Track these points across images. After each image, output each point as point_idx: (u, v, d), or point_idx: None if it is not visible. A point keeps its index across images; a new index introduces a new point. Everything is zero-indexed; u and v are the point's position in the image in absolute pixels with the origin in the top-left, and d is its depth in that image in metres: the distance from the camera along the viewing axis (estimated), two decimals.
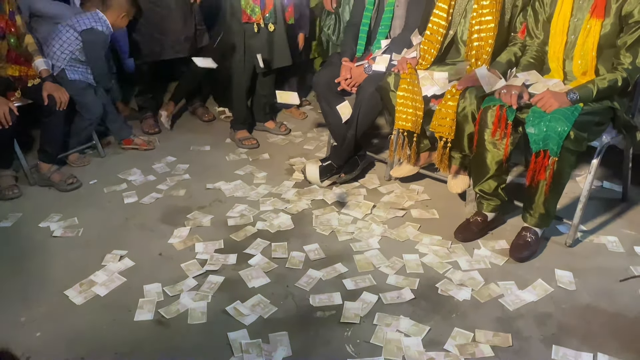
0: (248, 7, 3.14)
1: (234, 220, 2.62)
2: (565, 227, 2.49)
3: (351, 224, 2.59)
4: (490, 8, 2.45)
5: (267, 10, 3.18)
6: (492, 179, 2.38)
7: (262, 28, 3.21)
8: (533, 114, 2.19)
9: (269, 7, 3.18)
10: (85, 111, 3.12)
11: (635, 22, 2.14)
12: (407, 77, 2.56)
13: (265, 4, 3.16)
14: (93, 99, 3.15)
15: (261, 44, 3.25)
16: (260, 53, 3.24)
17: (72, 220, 2.65)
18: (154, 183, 3.01)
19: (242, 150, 3.41)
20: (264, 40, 3.25)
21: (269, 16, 3.19)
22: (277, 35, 3.27)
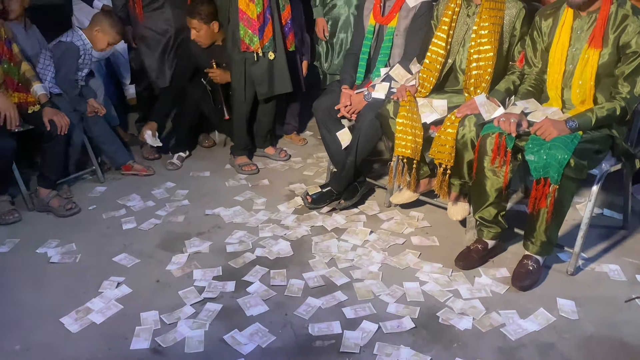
0: (247, 36, 3.18)
1: (232, 247, 2.61)
2: (566, 255, 2.47)
3: (351, 250, 2.57)
4: (489, 37, 2.48)
5: (267, 39, 3.22)
6: (492, 206, 2.37)
7: (261, 57, 3.24)
8: (532, 142, 2.20)
9: (267, 36, 3.21)
10: None
11: (633, 53, 2.17)
12: (407, 105, 2.57)
13: (264, 33, 3.20)
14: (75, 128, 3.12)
15: (262, 72, 3.28)
16: (261, 80, 3.29)
17: (70, 246, 2.63)
18: (153, 209, 3.00)
19: (242, 176, 3.41)
20: (264, 68, 3.28)
21: (268, 45, 3.23)
22: (278, 63, 3.31)
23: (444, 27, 2.61)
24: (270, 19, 3.19)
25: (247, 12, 3.12)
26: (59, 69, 3.16)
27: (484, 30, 2.49)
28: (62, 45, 3.19)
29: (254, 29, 3.14)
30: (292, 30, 3.35)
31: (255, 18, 3.12)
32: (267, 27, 3.19)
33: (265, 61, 3.26)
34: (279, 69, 3.32)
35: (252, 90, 3.36)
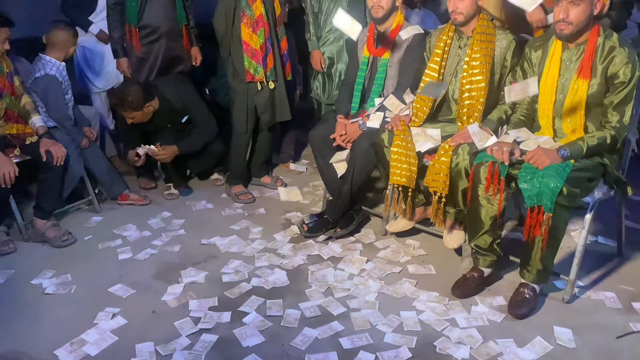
0: (251, 67, 3.25)
1: (228, 277, 2.60)
2: (562, 282, 2.47)
3: (347, 279, 2.57)
4: (480, 68, 2.54)
5: (269, 69, 3.29)
6: (487, 234, 2.39)
7: (264, 86, 3.31)
8: (525, 170, 2.23)
9: (269, 65, 3.29)
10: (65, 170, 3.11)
11: (621, 83, 2.22)
12: (401, 134, 2.61)
13: (267, 63, 3.27)
14: (75, 159, 3.15)
15: (265, 101, 3.35)
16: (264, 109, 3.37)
17: (65, 277, 2.62)
18: (149, 239, 2.99)
19: (238, 205, 3.42)
20: (266, 97, 3.35)
21: (269, 74, 3.30)
22: (278, 92, 3.38)
23: (436, 58, 2.67)
24: (271, 49, 3.28)
25: (251, 43, 3.20)
26: (46, 103, 3.18)
27: (476, 61, 2.54)
28: (40, 82, 3.19)
29: (257, 59, 3.23)
30: (289, 60, 3.43)
31: (258, 49, 3.21)
32: (268, 57, 3.28)
33: (267, 90, 3.33)
34: (279, 97, 3.40)
35: (254, 120, 3.41)
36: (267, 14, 3.23)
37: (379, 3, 2.84)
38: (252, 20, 3.18)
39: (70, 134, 3.23)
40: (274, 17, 3.32)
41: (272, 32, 3.29)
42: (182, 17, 3.50)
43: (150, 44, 3.47)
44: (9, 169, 2.70)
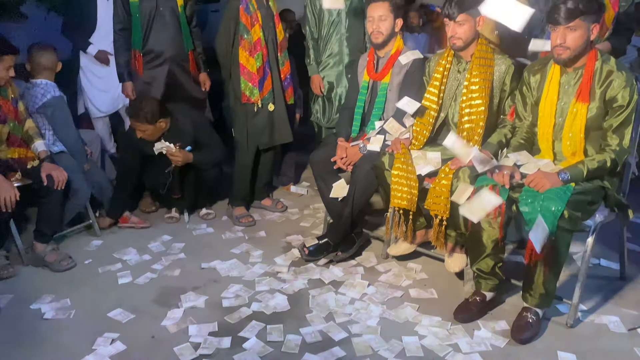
0: (247, 89, 3.28)
1: (228, 302, 2.58)
2: (565, 306, 2.45)
3: (349, 304, 2.55)
4: (480, 92, 2.56)
5: (266, 92, 3.32)
6: (488, 258, 2.38)
7: (261, 108, 3.33)
8: (526, 194, 2.23)
9: (267, 88, 3.32)
10: (73, 195, 3.12)
11: (619, 107, 2.23)
12: (401, 157, 2.62)
13: (264, 85, 3.30)
14: (82, 185, 3.16)
15: (262, 123, 3.38)
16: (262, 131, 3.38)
17: (65, 301, 2.60)
18: (149, 263, 2.98)
19: (239, 228, 3.41)
20: (265, 119, 3.37)
21: (267, 97, 3.33)
22: (277, 114, 3.41)
23: (435, 82, 2.69)
24: (270, 73, 3.32)
25: (247, 66, 3.25)
26: (54, 125, 3.20)
27: (475, 85, 2.56)
28: (49, 105, 3.18)
29: (254, 81, 3.27)
30: (291, 84, 3.47)
31: (255, 72, 3.25)
32: (266, 80, 3.31)
33: (265, 112, 3.36)
34: (278, 120, 3.42)
35: (255, 141, 3.43)
36: (266, 38, 3.28)
37: (379, 29, 2.88)
38: (250, 44, 3.23)
39: (77, 157, 3.23)
40: (275, 42, 3.36)
41: (271, 57, 3.33)
42: (188, 43, 3.54)
43: (154, 69, 3.51)
44: (10, 193, 2.71)
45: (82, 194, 3.17)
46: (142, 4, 3.36)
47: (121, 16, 3.40)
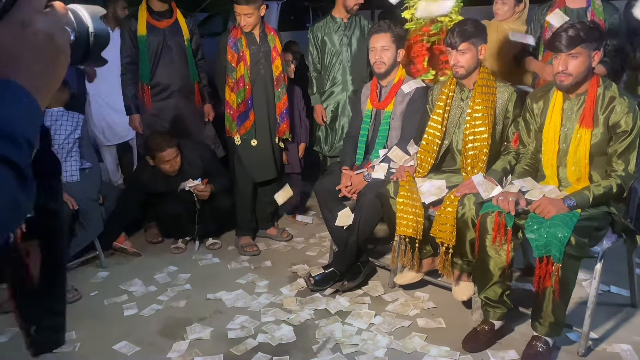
0: (228, 122, 3.37)
1: (234, 333, 2.56)
2: (575, 334, 2.41)
3: (355, 335, 2.52)
4: (483, 120, 2.57)
5: (246, 128, 3.34)
6: (496, 285, 2.35)
7: (242, 144, 3.38)
8: (532, 220, 2.22)
9: (248, 124, 3.35)
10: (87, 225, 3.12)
11: (623, 132, 2.24)
12: (406, 185, 2.62)
13: (244, 122, 3.35)
14: (97, 215, 3.18)
15: (247, 158, 3.41)
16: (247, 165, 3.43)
17: (70, 334, 2.58)
18: (155, 294, 2.97)
19: (244, 257, 3.40)
20: (248, 154, 3.41)
21: (249, 133, 3.36)
22: (261, 150, 3.41)
23: (439, 110, 2.71)
24: (252, 110, 3.33)
25: (230, 101, 3.33)
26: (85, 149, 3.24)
27: (478, 113, 2.58)
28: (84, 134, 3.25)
29: (233, 117, 3.33)
30: (286, 118, 3.44)
31: (235, 107, 3.32)
32: (247, 118, 3.34)
33: (249, 147, 3.38)
34: (262, 156, 3.42)
35: (242, 174, 3.47)
36: (254, 76, 3.30)
37: (381, 59, 2.92)
38: (233, 80, 3.29)
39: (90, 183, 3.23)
40: (272, 78, 3.37)
41: (258, 93, 3.34)
42: (194, 75, 3.60)
43: (161, 101, 3.56)
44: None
45: (97, 224, 3.18)
46: (149, 37, 3.43)
47: (129, 50, 3.47)
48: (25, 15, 0.62)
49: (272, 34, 3.35)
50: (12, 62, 0.60)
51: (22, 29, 0.61)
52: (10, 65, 0.60)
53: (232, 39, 3.28)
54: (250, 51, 3.28)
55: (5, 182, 0.54)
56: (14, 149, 0.56)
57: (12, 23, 0.61)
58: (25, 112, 0.60)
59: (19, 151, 0.57)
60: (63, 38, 0.65)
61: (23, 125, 0.58)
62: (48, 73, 0.63)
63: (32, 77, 0.61)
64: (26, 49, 0.61)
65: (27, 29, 0.61)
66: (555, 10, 3.00)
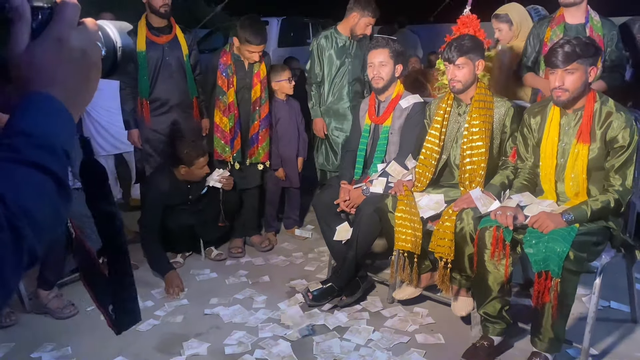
0: (219, 146, 3.49)
1: (231, 349, 2.54)
2: (574, 350, 2.39)
3: (354, 351, 2.50)
4: (480, 134, 2.58)
5: (235, 151, 3.51)
6: (495, 301, 2.34)
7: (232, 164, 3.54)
8: (530, 235, 2.22)
9: (236, 147, 3.51)
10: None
11: (620, 147, 2.24)
12: (404, 199, 2.62)
13: (234, 145, 3.49)
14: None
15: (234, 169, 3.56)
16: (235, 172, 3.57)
17: (66, 349, 2.56)
18: (152, 309, 2.95)
19: (242, 272, 3.39)
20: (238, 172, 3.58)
21: (236, 156, 3.52)
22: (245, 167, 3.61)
23: (436, 125, 2.72)
24: (240, 133, 3.52)
25: (221, 125, 3.46)
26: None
27: (475, 127, 2.59)
28: None
29: (226, 140, 3.48)
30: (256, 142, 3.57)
31: (227, 131, 3.46)
32: (236, 140, 3.51)
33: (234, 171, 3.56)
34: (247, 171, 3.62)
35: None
36: (239, 99, 3.47)
37: (379, 75, 2.94)
38: (225, 105, 3.43)
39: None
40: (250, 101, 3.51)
41: (243, 116, 3.52)
42: (193, 90, 3.62)
43: (160, 116, 3.57)
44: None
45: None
46: (149, 53, 3.45)
47: None
48: (61, 32, 0.65)
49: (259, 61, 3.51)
50: (49, 76, 0.64)
51: (59, 45, 0.64)
52: (47, 80, 0.63)
53: (222, 65, 3.43)
54: (238, 77, 3.46)
55: (48, 190, 0.58)
56: (54, 159, 0.60)
57: (48, 39, 0.64)
58: (62, 125, 0.63)
59: (58, 161, 0.60)
60: (96, 53, 0.68)
61: (60, 137, 0.62)
62: (82, 87, 0.67)
63: (67, 91, 0.65)
64: (62, 64, 0.64)
65: (64, 45, 0.65)
66: None
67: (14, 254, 0.54)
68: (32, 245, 0.56)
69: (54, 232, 0.61)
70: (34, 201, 0.56)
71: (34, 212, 0.56)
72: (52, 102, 0.62)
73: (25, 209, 0.55)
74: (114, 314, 0.82)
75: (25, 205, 0.55)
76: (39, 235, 0.57)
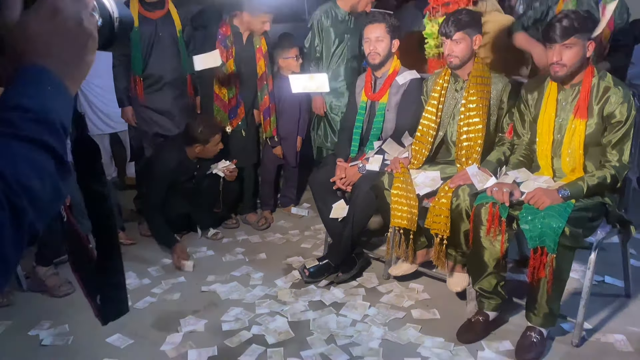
0: (219, 115, 3.51)
1: (228, 325, 2.55)
2: (569, 325, 2.41)
3: (350, 326, 2.51)
4: (477, 111, 2.56)
5: (240, 119, 3.55)
6: (490, 276, 2.35)
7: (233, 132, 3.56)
8: (526, 211, 2.22)
9: (240, 116, 3.55)
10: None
11: (618, 122, 2.23)
12: (401, 176, 2.61)
13: (237, 114, 3.53)
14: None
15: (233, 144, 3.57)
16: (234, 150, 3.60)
17: (63, 327, 2.57)
18: (149, 287, 2.95)
19: (239, 250, 3.39)
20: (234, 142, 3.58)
21: (241, 124, 3.56)
22: (245, 140, 3.63)
23: (433, 101, 2.70)
24: (242, 104, 3.55)
25: (220, 94, 3.50)
26: None
27: (472, 104, 2.57)
28: None
29: (225, 109, 3.52)
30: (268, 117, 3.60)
31: (227, 101, 3.49)
32: (239, 109, 3.55)
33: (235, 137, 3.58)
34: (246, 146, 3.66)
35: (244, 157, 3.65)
36: (241, 72, 3.48)
37: (376, 50, 2.90)
38: (224, 75, 3.44)
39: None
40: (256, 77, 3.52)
41: (246, 90, 3.54)
42: (186, 66, 3.57)
43: (154, 93, 3.53)
44: None
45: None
46: (141, 28, 3.39)
47: None
48: (55, 1, 0.62)
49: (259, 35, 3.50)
50: (43, 49, 0.61)
51: (53, 15, 0.62)
52: (42, 52, 0.61)
53: (221, 35, 3.42)
54: (236, 49, 3.45)
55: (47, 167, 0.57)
56: (52, 134, 0.58)
57: (42, 8, 0.62)
58: (59, 99, 0.61)
59: (57, 137, 0.58)
60: (91, 23, 0.66)
61: (57, 111, 0.60)
62: (78, 59, 0.64)
63: (63, 63, 0.62)
64: (57, 35, 0.62)
65: (58, 14, 0.62)
66: None
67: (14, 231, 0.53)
68: (32, 222, 0.55)
69: (54, 209, 0.60)
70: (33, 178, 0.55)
71: (33, 188, 0.55)
72: (48, 75, 0.60)
73: (25, 185, 0.54)
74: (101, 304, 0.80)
75: (25, 182, 0.54)
76: (39, 212, 0.56)
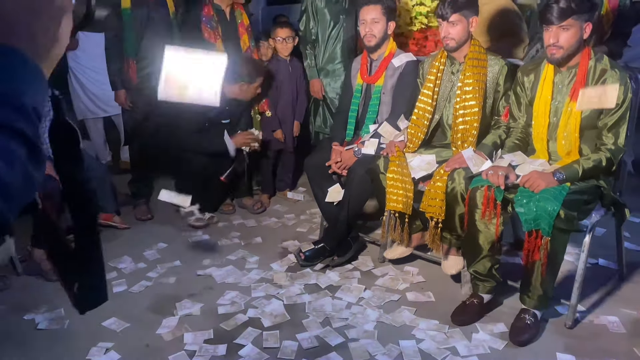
0: None
1: (224, 308, 2.56)
2: (563, 307, 2.43)
3: (345, 309, 2.53)
4: (473, 93, 2.55)
5: None
6: (485, 259, 2.36)
7: None
8: (521, 194, 2.22)
9: None
10: None
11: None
12: (396, 160, 2.61)
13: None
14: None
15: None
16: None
17: (59, 311, 2.57)
18: (145, 270, 2.95)
19: (235, 234, 3.39)
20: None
21: None
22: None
23: (429, 84, 2.68)
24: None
25: None
26: None
27: (468, 86, 2.55)
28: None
29: None
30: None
31: None
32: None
33: None
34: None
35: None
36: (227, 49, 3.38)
37: (371, 32, 2.87)
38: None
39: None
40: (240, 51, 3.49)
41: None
42: None
43: (147, 75, 3.49)
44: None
45: None
46: (134, 10, 3.34)
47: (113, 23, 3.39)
48: None
49: (240, 9, 3.48)
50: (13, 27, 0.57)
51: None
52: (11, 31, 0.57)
53: (205, 17, 3.39)
54: (222, 27, 3.42)
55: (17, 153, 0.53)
56: (22, 118, 0.54)
57: None
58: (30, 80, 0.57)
59: (27, 121, 0.54)
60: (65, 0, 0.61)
61: (28, 94, 0.56)
62: (50, 38, 0.60)
63: (34, 42, 0.58)
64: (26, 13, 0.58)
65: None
66: None
67: None
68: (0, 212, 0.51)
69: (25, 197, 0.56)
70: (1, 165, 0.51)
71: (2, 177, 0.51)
72: (16, 54, 0.56)
73: None
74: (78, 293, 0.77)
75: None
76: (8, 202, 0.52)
